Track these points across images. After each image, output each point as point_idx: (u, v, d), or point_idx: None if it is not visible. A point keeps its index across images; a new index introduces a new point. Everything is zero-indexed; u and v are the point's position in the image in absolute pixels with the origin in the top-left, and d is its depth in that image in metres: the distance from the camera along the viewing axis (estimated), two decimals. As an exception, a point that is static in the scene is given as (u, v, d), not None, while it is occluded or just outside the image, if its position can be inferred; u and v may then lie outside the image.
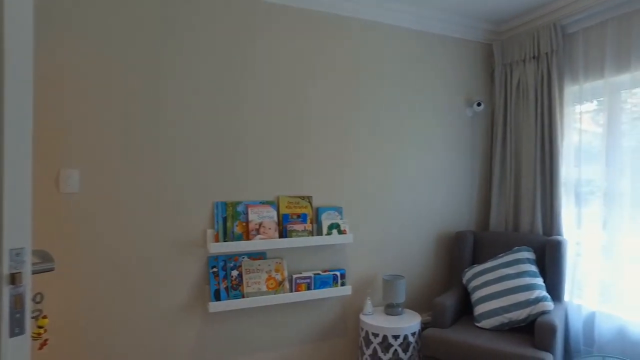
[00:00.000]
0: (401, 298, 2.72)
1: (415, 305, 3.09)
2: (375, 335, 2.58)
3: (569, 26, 2.83)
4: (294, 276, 2.57)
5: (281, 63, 2.61)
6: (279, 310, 2.62)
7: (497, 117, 3.24)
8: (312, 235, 2.62)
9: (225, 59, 2.46)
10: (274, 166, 2.59)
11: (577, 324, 2.76)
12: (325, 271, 2.69)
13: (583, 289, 2.77)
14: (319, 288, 2.62)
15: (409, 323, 2.60)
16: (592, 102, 2.80)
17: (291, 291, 2.57)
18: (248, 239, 2.45)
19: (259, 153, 2.55)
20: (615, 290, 2.60)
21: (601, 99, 2.71)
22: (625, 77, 2.56)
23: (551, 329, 2.23)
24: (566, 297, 2.76)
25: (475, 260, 2.99)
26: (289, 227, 2.54)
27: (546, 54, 2.90)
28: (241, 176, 2.51)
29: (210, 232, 2.40)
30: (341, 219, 2.73)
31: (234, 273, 2.43)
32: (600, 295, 2.66)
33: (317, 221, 2.69)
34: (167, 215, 2.33)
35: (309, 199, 2.65)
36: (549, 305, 2.45)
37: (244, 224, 2.47)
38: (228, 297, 2.38)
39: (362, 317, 2.69)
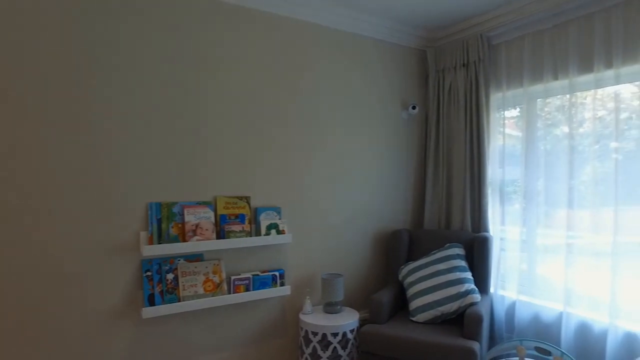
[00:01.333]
0: (340, 296, 2.77)
1: (354, 302, 3.17)
2: (315, 334, 2.61)
3: (494, 38, 3.05)
4: (233, 277, 2.53)
5: (220, 60, 2.56)
6: (217, 313, 2.57)
7: (431, 121, 3.40)
8: (251, 236, 2.60)
9: (157, 55, 2.37)
10: (211, 166, 2.54)
11: (500, 313, 2.97)
12: (264, 272, 2.68)
13: (506, 280, 2.99)
14: (258, 289, 2.60)
15: (348, 320, 2.66)
16: (514, 108, 3.04)
17: (230, 293, 2.53)
18: (184, 240, 2.38)
19: (196, 153, 2.49)
20: (531, 280, 2.85)
21: (521, 106, 2.94)
22: (539, 87, 2.80)
23: (478, 320, 2.39)
24: (492, 289, 2.97)
25: (411, 257, 3.12)
26: (227, 227, 2.50)
27: (474, 62, 3.09)
28: (177, 176, 2.43)
29: (143, 235, 2.30)
30: (280, 219, 2.73)
31: (170, 276, 2.34)
32: (520, 286, 2.88)
33: (255, 221, 2.66)
34: (96, 217, 2.19)
35: (247, 199, 2.62)
36: (477, 297, 2.61)
37: (180, 225, 2.39)
38: (163, 302, 2.29)
39: (302, 317, 2.71)
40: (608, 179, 2.43)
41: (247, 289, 2.58)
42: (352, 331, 2.67)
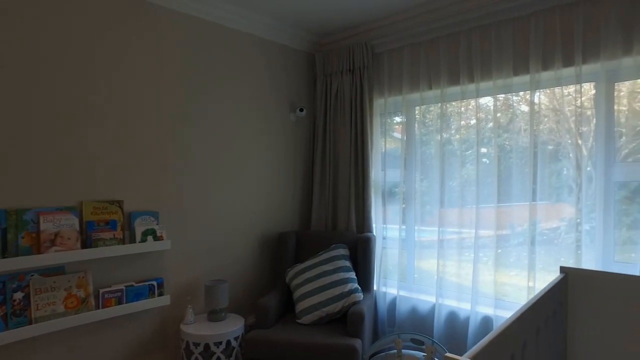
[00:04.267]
0: (224, 303, 2.66)
1: (240, 308, 3.07)
2: (197, 344, 2.47)
3: (377, 46, 3.20)
4: (102, 291, 2.27)
5: (88, 51, 2.28)
6: (85, 332, 2.28)
7: (318, 124, 3.46)
8: (124, 244, 2.36)
9: (16, 44, 2.03)
10: (76, 166, 2.25)
11: (383, 309, 3.13)
12: (140, 282, 2.45)
13: (388, 277, 3.16)
14: (132, 301, 2.38)
15: (232, 328, 2.56)
16: (395, 114, 3.22)
17: (98, 308, 2.26)
18: (39, 252, 2.07)
19: (56, 151, 2.18)
20: (409, 275, 3.05)
21: (401, 112, 3.14)
22: (416, 95, 3.02)
23: (359, 318, 2.47)
24: (375, 286, 3.11)
25: (298, 260, 3.13)
26: (95, 235, 2.23)
27: (359, 68, 3.22)
28: (30, 178, 2.10)
29: (-18, 247, 1.94)
30: (158, 224, 2.53)
31: (18, 295, 2.01)
32: (400, 282, 3.07)
33: (129, 228, 2.43)
34: None
35: (119, 203, 2.38)
36: (359, 296, 2.71)
37: (33, 234, 2.07)
38: (7, 327, 1.95)
39: (183, 327, 2.54)
40: (472, 181, 2.70)
41: (120, 302, 2.34)
42: (237, 338, 2.58)
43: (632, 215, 2.19)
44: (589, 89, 2.32)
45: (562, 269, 1.91)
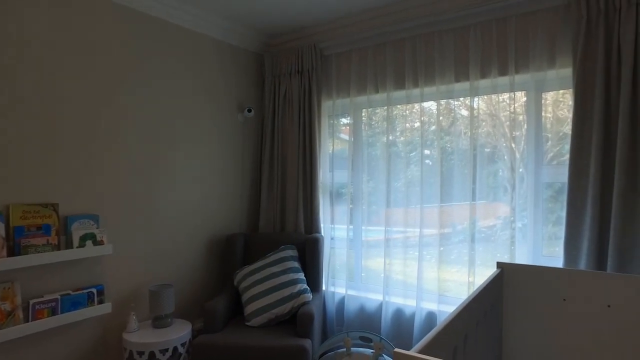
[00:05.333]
0: (170, 308, 2.57)
1: (188, 313, 2.99)
2: (141, 353, 2.36)
3: (326, 49, 3.24)
4: (32, 302, 2.11)
5: (27, 47, 2.11)
6: (16, 347, 2.11)
7: (267, 125, 3.44)
8: (59, 250, 2.21)
9: None
10: (2, 166, 2.07)
11: (332, 308, 3.16)
12: (77, 290, 2.31)
13: (336, 277, 3.21)
14: (68, 311, 2.23)
15: (179, 333, 2.48)
16: (342, 116, 3.28)
17: (28, 321, 2.10)
18: (-41, 261, 1.88)
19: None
20: (357, 275, 3.12)
21: (348, 114, 3.20)
22: (364, 98, 3.09)
23: (309, 318, 2.49)
24: (324, 286, 3.14)
25: (247, 262, 3.09)
26: (24, 242, 2.07)
27: (308, 70, 3.24)
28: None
29: None
30: (98, 227, 2.39)
31: None
32: (348, 281, 3.13)
33: (65, 232, 2.28)
34: None
35: (54, 206, 2.22)
36: (308, 296, 2.73)
37: (-48, 242, 1.88)
38: None
39: (125, 336, 2.42)
40: (417, 182, 2.80)
41: (54, 313, 2.18)
42: (184, 344, 2.51)
43: (556, 213, 2.40)
44: (520, 97, 2.50)
45: (499, 264, 2.04)
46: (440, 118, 2.72)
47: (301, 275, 2.83)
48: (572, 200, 2.15)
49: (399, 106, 2.94)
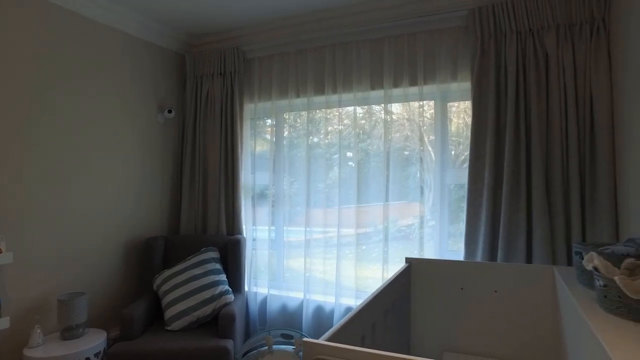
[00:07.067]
0: (81, 318, 2.44)
1: (104, 321, 2.84)
2: (46, 367, 2.21)
3: (248, 52, 3.27)
4: None
5: None
6: None
7: (188, 126, 3.39)
8: (-52, 260, 2.00)
9: None
10: None
11: (254, 308, 3.20)
12: (-29, 303, 2.11)
13: (258, 277, 3.25)
14: (-40, 327, 2.03)
15: (91, 344, 2.37)
16: (265, 119, 3.33)
17: None
18: None
19: None
20: (279, 275, 3.19)
21: (270, 117, 3.26)
22: (285, 102, 3.17)
23: (230, 319, 2.50)
24: (246, 287, 3.17)
25: (167, 265, 3.02)
26: None
27: (230, 72, 3.25)
28: None
29: None
30: (-4, 235, 2.20)
31: None
32: (270, 281, 3.19)
33: (-44, 240, 2.07)
34: None
35: (-58, 212, 2.01)
36: (230, 297, 2.74)
37: None
38: None
39: (26, 352, 2.25)
40: (336, 183, 2.94)
41: (-58, 330, 1.97)
42: (97, 354, 2.39)
43: (464, 212, 2.66)
44: (430, 106, 2.75)
45: (407, 260, 2.24)
46: (362, 121, 2.88)
47: (223, 277, 2.83)
48: (471, 200, 2.42)
49: (318, 111, 3.06)
